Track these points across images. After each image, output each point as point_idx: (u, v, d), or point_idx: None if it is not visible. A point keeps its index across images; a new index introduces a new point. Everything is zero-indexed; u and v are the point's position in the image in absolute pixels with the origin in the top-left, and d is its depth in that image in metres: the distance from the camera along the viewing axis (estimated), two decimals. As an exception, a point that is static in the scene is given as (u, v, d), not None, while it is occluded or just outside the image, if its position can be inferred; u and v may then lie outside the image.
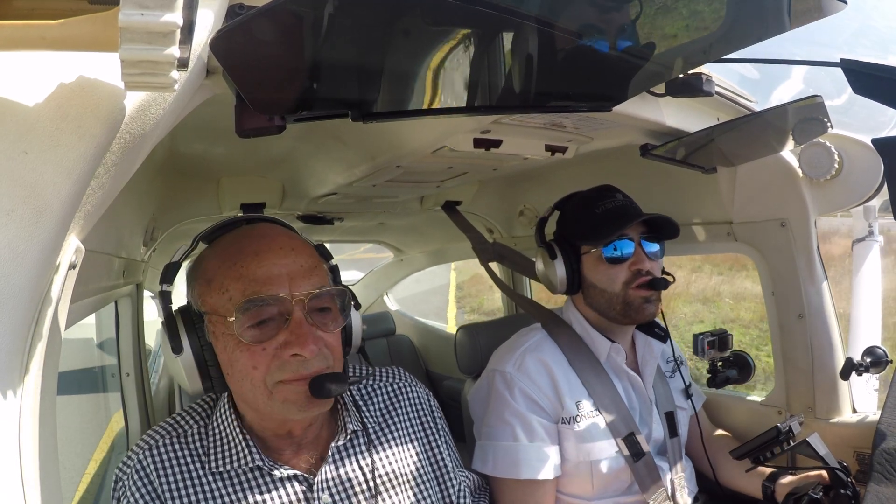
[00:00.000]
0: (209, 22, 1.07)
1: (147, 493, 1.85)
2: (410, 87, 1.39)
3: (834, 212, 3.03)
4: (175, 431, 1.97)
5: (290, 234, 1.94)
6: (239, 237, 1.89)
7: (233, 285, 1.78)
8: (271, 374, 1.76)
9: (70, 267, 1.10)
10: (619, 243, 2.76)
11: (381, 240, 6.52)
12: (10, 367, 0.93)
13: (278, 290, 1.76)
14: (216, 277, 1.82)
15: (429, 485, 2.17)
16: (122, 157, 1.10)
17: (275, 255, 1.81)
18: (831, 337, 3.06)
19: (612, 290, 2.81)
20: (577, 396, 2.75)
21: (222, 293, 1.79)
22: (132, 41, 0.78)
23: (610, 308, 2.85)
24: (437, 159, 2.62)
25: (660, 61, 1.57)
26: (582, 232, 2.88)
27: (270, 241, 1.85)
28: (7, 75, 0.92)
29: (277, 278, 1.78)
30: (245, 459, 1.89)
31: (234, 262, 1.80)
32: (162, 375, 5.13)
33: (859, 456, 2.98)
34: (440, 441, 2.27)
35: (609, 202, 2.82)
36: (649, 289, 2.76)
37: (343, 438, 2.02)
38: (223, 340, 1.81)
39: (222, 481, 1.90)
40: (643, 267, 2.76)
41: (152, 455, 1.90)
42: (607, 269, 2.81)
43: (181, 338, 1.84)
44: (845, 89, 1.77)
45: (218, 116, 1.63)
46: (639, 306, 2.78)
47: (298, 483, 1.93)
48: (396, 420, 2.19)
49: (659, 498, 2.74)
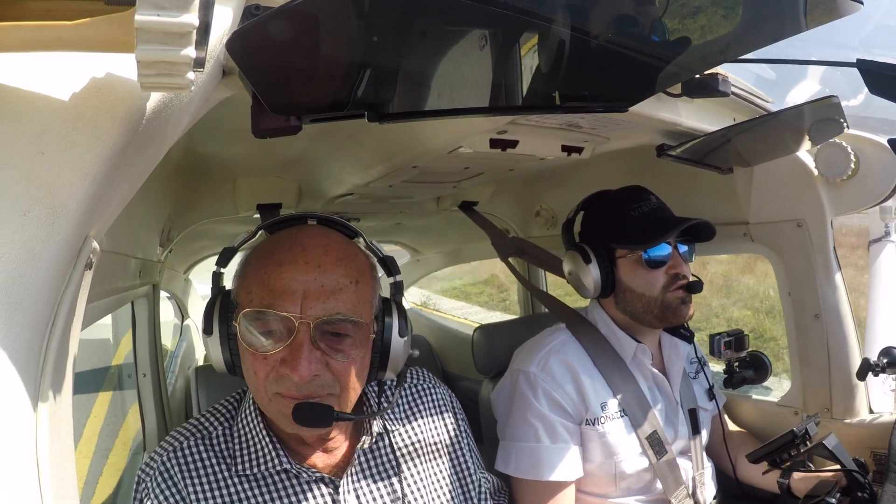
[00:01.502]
0: (226, 22, 1.07)
1: (171, 496, 1.84)
2: (426, 87, 1.39)
3: (850, 212, 3.02)
4: (199, 433, 1.97)
5: (328, 247, 1.85)
6: (280, 240, 1.87)
7: (256, 289, 1.78)
8: (269, 383, 1.76)
9: (86, 267, 1.10)
10: (657, 247, 2.76)
11: (398, 240, 6.51)
12: (27, 367, 0.93)
13: (288, 306, 1.73)
14: (249, 275, 1.83)
15: (452, 486, 2.17)
16: (139, 158, 1.11)
17: (296, 269, 1.77)
18: (847, 337, 3.04)
19: (651, 294, 2.80)
20: (602, 397, 2.76)
21: (248, 293, 1.80)
22: (148, 42, 0.77)
23: (647, 311, 2.84)
24: (453, 160, 2.61)
25: (676, 61, 1.57)
26: (617, 235, 2.87)
27: (301, 251, 1.81)
28: (23, 76, 0.92)
29: (292, 295, 1.74)
30: (273, 462, 1.88)
31: (262, 266, 1.80)
32: (178, 376, 5.14)
33: (876, 456, 2.97)
34: (463, 443, 2.27)
35: (644, 205, 2.82)
36: (685, 291, 2.76)
37: (368, 441, 2.01)
38: (240, 337, 1.81)
39: (248, 484, 1.89)
40: (681, 271, 2.77)
41: (176, 457, 1.89)
42: (646, 272, 2.80)
43: (213, 321, 1.85)
44: (861, 90, 1.77)
45: (234, 117, 1.63)
46: (676, 308, 2.78)
47: (325, 486, 1.93)
48: (420, 421, 2.19)
49: (680, 496, 2.74)
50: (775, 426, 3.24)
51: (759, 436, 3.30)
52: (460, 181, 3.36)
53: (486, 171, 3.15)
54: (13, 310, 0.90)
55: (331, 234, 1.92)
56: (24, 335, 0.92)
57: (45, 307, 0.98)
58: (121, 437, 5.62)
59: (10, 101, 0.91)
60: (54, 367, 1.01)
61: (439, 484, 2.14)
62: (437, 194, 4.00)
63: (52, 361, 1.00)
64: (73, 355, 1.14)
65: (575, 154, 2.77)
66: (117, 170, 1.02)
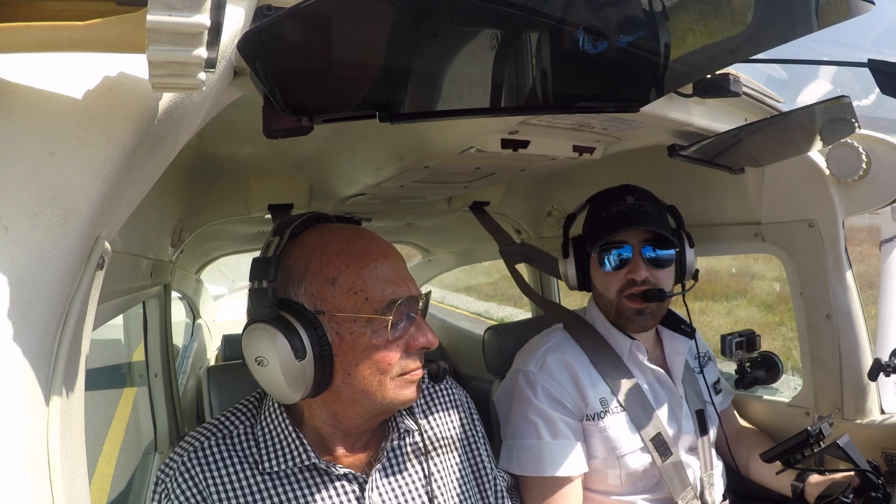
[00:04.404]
0: (237, 23, 1.08)
1: (193, 496, 1.85)
2: (438, 87, 1.39)
3: (862, 212, 3.01)
4: (221, 432, 1.97)
5: (381, 240, 2.01)
6: (356, 238, 1.94)
7: (371, 284, 1.84)
8: (397, 366, 1.85)
9: (97, 268, 1.10)
10: (616, 250, 2.78)
11: (409, 240, 6.53)
12: (39, 367, 0.94)
13: (410, 290, 1.89)
14: (343, 276, 1.85)
15: (472, 484, 2.21)
16: (150, 159, 1.11)
17: (396, 259, 1.95)
18: (859, 337, 3.04)
19: (608, 296, 2.86)
20: (601, 393, 2.77)
21: (355, 293, 1.84)
22: (160, 42, 0.78)
23: (607, 313, 2.91)
24: (464, 160, 2.61)
25: (688, 62, 1.57)
26: (587, 234, 2.94)
27: (386, 245, 1.96)
28: (35, 77, 0.93)
29: (404, 280, 1.92)
30: (301, 458, 1.89)
31: (365, 263, 1.86)
32: (189, 376, 5.15)
33: (887, 457, 2.96)
34: (479, 441, 2.30)
35: (617, 206, 2.83)
36: (642, 301, 2.76)
37: (396, 438, 2.05)
38: (350, 340, 1.84)
39: (272, 481, 1.90)
40: (637, 276, 2.77)
41: (198, 457, 1.90)
42: (603, 274, 2.86)
43: (303, 340, 1.80)
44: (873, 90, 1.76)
45: (245, 117, 1.63)
46: (629, 317, 2.81)
47: (349, 482, 1.95)
48: (438, 420, 2.22)
49: (687, 497, 2.74)
50: (787, 426, 3.24)
51: (770, 436, 3.29)
52: (472, 181, 3.36)
53: (497, 172, 3.15)
54: (25, 310, 0.90)
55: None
56: (36, 335, 0.93)
57: (57, 307, 0.98)
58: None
59: (21, 102, 0.91)
60: (66, 367, 1.01)
61: (461, 481, 2.17)
62: (449, 194, 4.00)
63: (64, 361, 1.00)
64: (84, 355, 1.14)
65: (586, 154, 2.76)
66: (128, 170, 1.02)
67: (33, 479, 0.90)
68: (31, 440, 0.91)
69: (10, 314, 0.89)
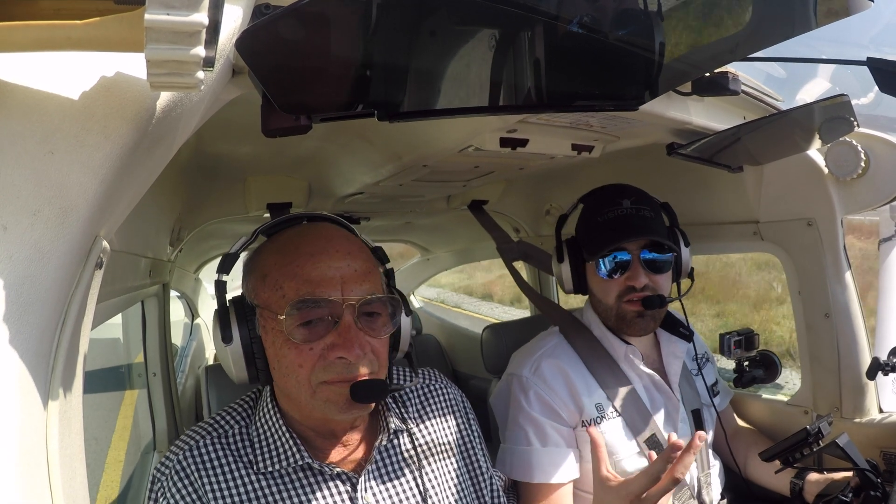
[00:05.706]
0: (235, 21, 1.08)
1: (188, 495, 1.85)
2: (436, 86, 1.39)
3: (861, 211, 3.01)
4: (216, 432, 1.98)
5: (348, 237, 1.97)
6: (298, 235, 1.93)
7: (287, 283, 1.82)
8: (316, 373, 1.80)
9: (96, 267, 1.10)
10: (615, 256, 2.76)
11: (408, 239, 6.53)
12: (37, 367, 0.94)
13: (331, 292, 1.80)
14: (271, 273, 1.86)
15: (466, 484, 2.20)
16: (149, 158, 1.11)
17: (330, 258, 1.85)
18: (857, 336, 3.04)
19: (607, 302, 2.84)
20: (596, 399, 2.77)
21: (276, 290, 1.83)
22: (158, 41, 0.78)
23: (607, 318, 2.89)
24: (463, 158, 2.61)
25: (686, 60, 1.57)
26: (583, 240, 2.92)
27: (327, 242, 1.89)
28: (33, 76, 0.93)
29: (331, 281, 1.82)
30: (294, 458, 1.90)
31: (290, 260, 1.85)
32: (188, 375, 5.15)
33: (886, 455, 2.97)
34: (474, 441, 2.29)
35: (613, 210, 2.80)
36: (642, 306, 2.75)
37: (386, 438, 2.03)
38: (272, 335, 1.85)
39: (266, 481, 1.90)
40: (637, 283, 2.74)
41: (192, 456, 1.90)
42: (601, 281, 2.83)
43: (232, 328, 1.88)
44: (872, 88, 1.76)
45: (244, 116, 1.63)
46: (631, 320, 2.79)
47: (342, 482, 1.95)
48: (432, 420, 2.21)
49: (683, 497, 2.74)
50: (785, 425, 3.24)
51: (769, 435, 3.30)
52: (470, 180, 3.36)
53: (496, 170, 3.15)
54: (24, 309, 0.90)
55: (337, 228, 2.03)
56: (34, 334, 0.93)
57: (56, 306, 0.98)
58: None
59: (19, 101, 0.91)
60: (65, 366, 1.01)
61: (455, 481, 2.16)
62: (448, 193, 4.00)
63: (63, 360, 1.00)
64: (83, 354, 1.14)
65: (585, 153, 2.76)
66: (127, 169, 1.02)
67: (32, 479, 0.90)
68: (29, 440, 0.91)
69: (9, 313, 0.88)
